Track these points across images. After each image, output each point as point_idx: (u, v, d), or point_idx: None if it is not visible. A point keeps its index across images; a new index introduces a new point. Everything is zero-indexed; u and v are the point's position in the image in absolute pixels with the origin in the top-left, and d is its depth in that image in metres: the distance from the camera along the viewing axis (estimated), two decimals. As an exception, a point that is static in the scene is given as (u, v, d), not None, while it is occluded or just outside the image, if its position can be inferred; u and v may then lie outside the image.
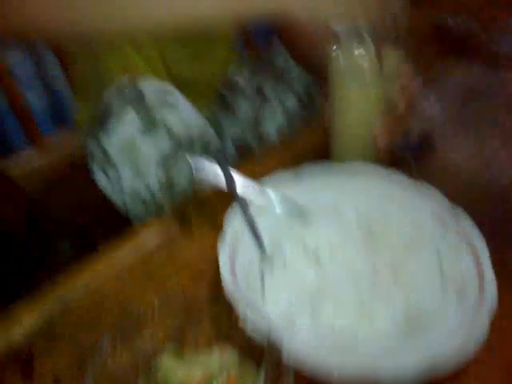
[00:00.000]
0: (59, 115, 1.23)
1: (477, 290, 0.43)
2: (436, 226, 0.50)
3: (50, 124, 1.24)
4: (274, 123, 0.92)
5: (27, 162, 1.06)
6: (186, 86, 0.86)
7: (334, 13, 0.49)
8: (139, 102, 0.58)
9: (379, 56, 0.54)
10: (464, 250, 0.47)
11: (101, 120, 0.60)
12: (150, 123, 0.57)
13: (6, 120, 1.15)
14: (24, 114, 1.02)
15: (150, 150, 0.57)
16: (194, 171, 0.50)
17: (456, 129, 0.73)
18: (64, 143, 1.05)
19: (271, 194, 0.51)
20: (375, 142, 0.58)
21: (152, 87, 0.60)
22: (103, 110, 0.60)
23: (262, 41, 1.36)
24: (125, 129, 0.57)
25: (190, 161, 0.57)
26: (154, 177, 0.58)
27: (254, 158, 0.72)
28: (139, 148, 0.57)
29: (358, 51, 0.56)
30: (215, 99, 0.94)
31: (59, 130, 1.09)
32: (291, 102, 0.90)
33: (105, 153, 0.59)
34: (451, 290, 0.45)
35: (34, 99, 1.19)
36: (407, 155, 0.64)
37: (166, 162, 0.58)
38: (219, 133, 0.92)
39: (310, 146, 0.68)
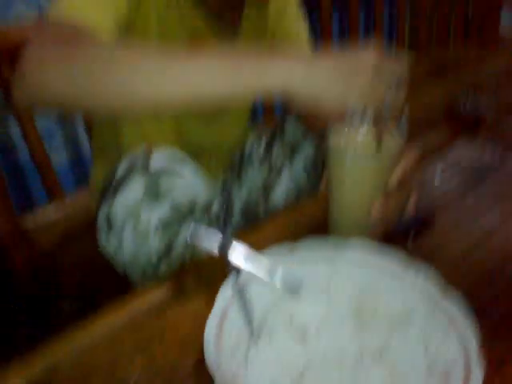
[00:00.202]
0: (81, 174, 1.28)
1: (463, 373, 0.43)
2: (425, 306, 0.50)
3: (72, 182, 1.29)
4: (282, 191, 0.94)
5: (43, 216, 1.10)
6: (199, 154, 0.90)
7: (332, 95, 0.52)
8: (146, 171, 0.61)
9: (377, 134, 0.56)
10: (452, 333, 0.47)
11: (109, 185, 0.63)
12: (155, 192, 0.60)
13: (29, 175, 1.20)
14: (47, 170, 1.07)
15: (152, 216, 0.60)
16: (190, 238, 0.51)
17: (457, 205, 0.74)
18: (81, 201, 1.10)
19: (266, 264, 0.52)
20: (372, 219, 0.59)
21: (161, 157, 0.63)
22: (113, 175, 0.63)
23: (278, 110, 1.42)
24: (130, 195, 0.60)
25: (189, 227, 0.59)
26: (153, 242, 0.60)
27: (253, 226, 0.73)
28: (141, 213, 0.60)
29: (357, 129, 0.58)
30: (226, 166, 0.98)
31: (80, 188, 1.14)
32: (300, 171, 0.93)
33: (109, 216, 0.61)
34: (436, 371, 0.44)
35: (58, 156, 1.24)
36: (405, 231, 0.65)
37: (166, 228, 0.60)
38: (227, 198, 0.94)
39: (311, 217, 0.70)
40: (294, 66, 0.51)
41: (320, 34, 1.59)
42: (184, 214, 0.61)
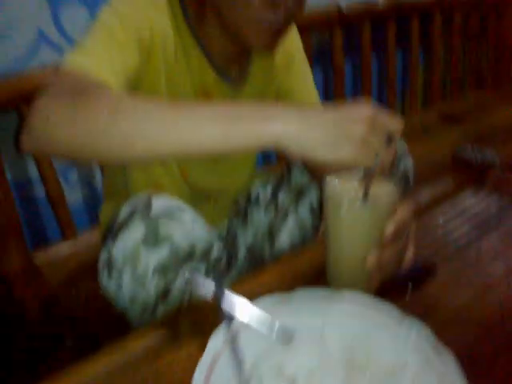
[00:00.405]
0: (95, 211, 1.31)
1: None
2: (417, 361, 0.50)
3: (86, 219, 1.31)
4: (287, 235, 0.95)
5: (55, 252, 1.12)
6: (205, 198, 0.92)
7: (325, 149, 0.53)
8: (147, 215, 0.63)
9: (371, 185, 0.57)
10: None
11: (111, 227, 0.65)
12: (154, 235, 0.62)
13: (43, 211, 1.23)
14: (61, 207, 1.10)
15: (151, 259, 0.61)
16: (187, 283, 0.52)
17: (458, 257, 0.74)
18: (93, 239, 1.12)
19: (258, 314, 0.52)
20: (367, 270, 0.59)
21: (161, 202, 0.65)
22: (115, 218, 0.65)
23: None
24: (129, 238, 0.62)
25: (186, 273, 0.60)
26: (151, 286, 0.61)
27: (251, 273, 0.74)
28: (140, 256, 0.61)
29: (352, 179, 0.60)
30: (232, 208, 0.99)
31: (93, 225, 1.16)
32: (305, 215, 0.94)
33: (110, 259, 0.63)
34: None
35: (73, 193, 1.28)
36: (403, 283, 0.65)
37: (165, 272, 0.61)
38: (232, 242, 0.96)
39: (309, 265, 0.71)
40: (287, 121, 0.53)
41: (332, 85, 1.63)
42: (183, 258, 0.63)
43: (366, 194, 0.57)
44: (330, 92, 1.66)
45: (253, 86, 0.87)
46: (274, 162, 1.60)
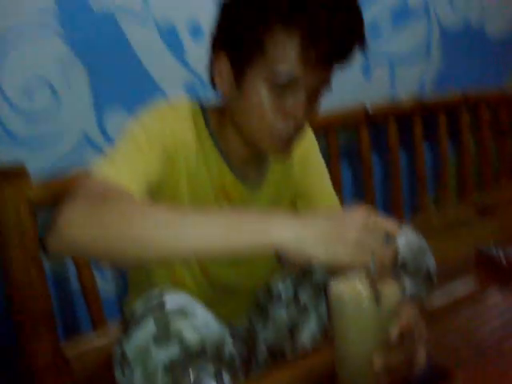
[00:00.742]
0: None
1: None
2: None
3: (117, 311, 1.35)
4: (309, 331, 0.95)
5: (85, 343, 1.15)
6: (226, 294, 0.94)
7: (322, 252, 0.56)
8: (159, 312, 0.66)
9: (373, 286, 0.59)
10: None
11: (127, 323, 0.68)
12: (165, 333, 0.64)
13: (76, 302, 1.27)
14: (93, 299, 1.14)
15: (161, 357, 0.63)
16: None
17: (478, 360, 0.71)
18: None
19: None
20: (374, 371, 0.59)
21: (174, 299, 0.68)
22: (131, 314, 0.68)
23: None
24: (142, 334, 0.65)
25: (192, 373, 0.61)
26: (160, 382, 0.63)
27: (262, 372, 0.74)
28: (151, 353, 0.63)
29: (356, 282, 0.61)
30: (252, 305, 1.01)
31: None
32: (326, 311, 0.94)
33: (123, 354, 0.65)
34: None
35: (107, 285, 1.32)
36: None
37: (174, 370, 0.63)
38: (252, 338, 0.96)
39: (323, 365, 0.70)
40: (284, 228, 0.57)
41: (362, 179, 1.67)
42: (193, 356, 0.64)
43: (371, 295, 0.59)
44: (360, 189, 1.70)
45: (270, 188, 0.92)
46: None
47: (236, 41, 0.76)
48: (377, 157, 1.80)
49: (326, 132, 1.55)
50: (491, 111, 2.00)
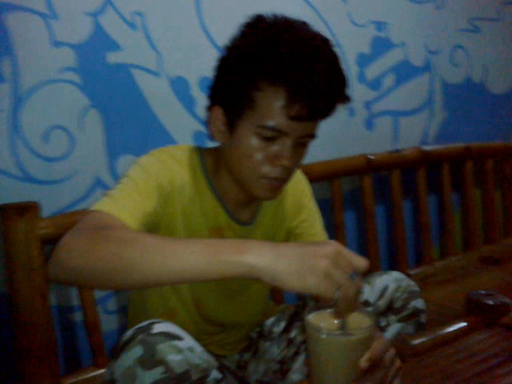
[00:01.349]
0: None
1: None
2: None
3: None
4: (299, 372, 0.97)
5: (84, 378, 1.17)
6: (219, 328, 0.97)
7: (293, 279, 0.60)
8: (146, 335, 0.70)
9: (348, 320, 0.62)
10: None
11: (117, 348, 0.72)
12: (151, 357, 0.67)
13: (79, 337, 1.31)
14: (95, 333, 1.18)
15: (146, 378, 0.66)
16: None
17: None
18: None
19: None
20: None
21: (162, 328, 0.71)
22: (121, 340, 0.72)
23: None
24: (128, 357, 0.68)
25: None
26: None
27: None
28: (137, 375, 0.67)
29: (329, 314, 0.65)
30: (244, 339, 1.03)
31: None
32: None
33: (112, 374, 0.69)
34: None
35: (109, 322, 1.36)
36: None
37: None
38: (243, 372, 0.98)
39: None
40: (259, 254, 0.61)
41: (365, 228, 1.70)
42: (177, 378, 0.67)
43: (338, 325, 0.62)
44: (364, 238, 1.73)
45: (263, 228, 0.97)
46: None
47: (229, 96, 0.84)
48: (381, 206, 1.84)
49: (329, 180, 1.60)
50: (495, 163, 2.03)
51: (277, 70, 0.77)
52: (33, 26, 1.21)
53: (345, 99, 0.82)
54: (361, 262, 0.62)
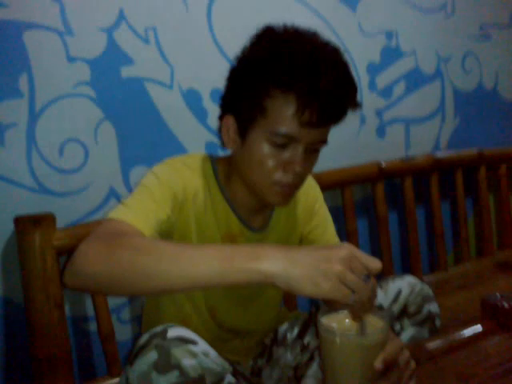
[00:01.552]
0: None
1: None
2: None
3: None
4: (312, 372, 0.97)
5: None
6: (232, 335, 0.98)
7: (307, 284, 0.60)
8: (161, 339, 0.71)
9: (357, 318, 0.62)
10: None
11: (132, 353, 0.73)
12: (166, 362, 0.69)
13: (94, 347, 1.32)
14: (109, 343, 1.19)
15: (161, 382, 0.67)
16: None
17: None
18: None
19: None
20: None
21: (177, 332, 0.73)
22: (136, 345, 0.73)
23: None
24: (144, 361, 0.69)
25: None
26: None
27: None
28: (152, 380, 0.68)
29: (342, 317, 0.65)
30: (258, 346, 1.03)
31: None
32: None
33: (127, 380, 0.70)
34: None
35: (123, 332, 1.37)
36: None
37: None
38: (257, 378, 0.98)
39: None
40: (274, 261, 0.61)
41: (377, 235, 1.70)
42: (192, 383, 0.68)
43: (356, 328, 0.62)
44: (376, 243, 1.73)
45: (275, 234, 0.98)
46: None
47: (240, 105, 0.85)
48: (394, 213, 1.83)
49: (342, 188, 1.61)
50: (508, 168, 2.02)
51: (287, 77, 0.79)
52: (49, 43, 1.24)
53: (355, 105, 0.84)
54: (374, 264, 0.62)
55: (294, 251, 0.63)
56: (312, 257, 0.61)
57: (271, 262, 0.62)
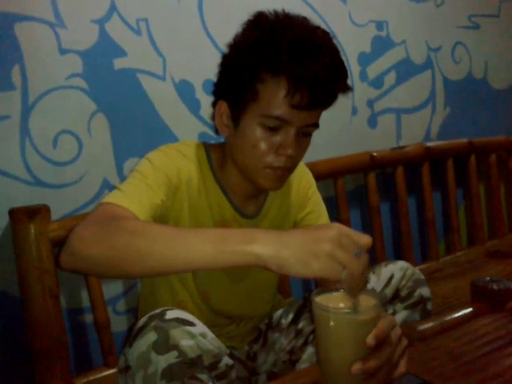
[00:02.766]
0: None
1: None
2: None
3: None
4: (307, 356, 0.99)
5: (96, 378, 1.19)
6: (227, 320, 0.99)
7: (298, 264, 0.61)
8: (160, 320, 0.72)
9: (351, 295, 0.64)
10: None
11: (131, 335, 0.74)
12: (164, 342, 0.70)
13: (90, 338, 1.33)
14: (105, 333, 1.20)
15: (160, 362, 0.69)
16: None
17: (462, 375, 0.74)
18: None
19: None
20: (355, 379, 0.63)
21: (175, 314, 0.74)
22: (135, 327, 0.75)
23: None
24: (143, 342, 0.71)
25: (185, 379, 0.66)
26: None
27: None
28: (151, 359, 0.69)
29: (335, 294, 0.66)
30: (253, 331, 1.05)
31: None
32: None
33: (126, 361, 0.71)
34: None
35: (119, 323, 1.38)
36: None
37: (171, 375, 0.68)
38: (253, 362, 1.00)
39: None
40: (265, 243, 0.62)
41: (369, 224, 1.72)
42: (190, 363, 0.69)
43: (349, 305, 0.64)
44: (368, 232, 1.74)
45: (268, 221, 0.99)
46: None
47: (233, 90, 0.86)
48: (386, 203, 1.85)
49: (334, 178, 1.62)
50: (498, 157, 2.04)
51: (278, 60, 0.80)
52: (41, 35, 1.24)
53: (345, 88, 0.85)
54: (364, 239, 0.63)
55: (284, 234, 0.64)
56: (302, 238, 0.62)
57: (263, 245, 0.63)
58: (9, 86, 1.21)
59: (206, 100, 1.46)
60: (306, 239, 0.62)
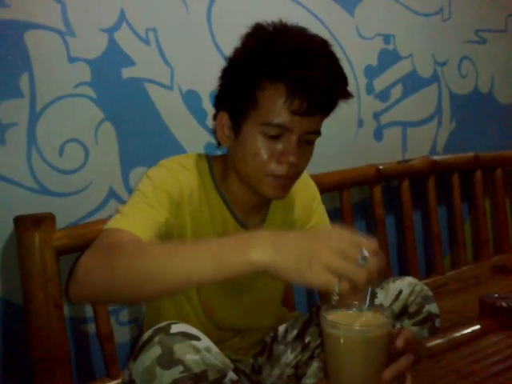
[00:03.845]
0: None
1: None
2: None
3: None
4: (312, 371, 0.97)
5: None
6: (231, 334, 0.98)
7: (296, 271, 0.60)
8: (165, 334, 0.71)
9: (365, 319, 0.63)
10: None
11: (136, 348, 0.73)
12: (169, 357, 0.69)
13: (92, 348, 1.32)
14: (108, 344, 1.19)
15: (165, 376, 0.68)
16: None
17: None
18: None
19: None
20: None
21: (180, 328, 0.73)
22: (140, 341, 0.74)
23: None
24: (148, 356, 0.70)
25: None
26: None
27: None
28: (156, 374, 0.68)
29: (344, 312, 0.66)
30: (257, 344, 1.04)
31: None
32: None
33: (131, 375, 0.71)
34: None
35: (122, 334, 1.36)
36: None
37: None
38: (258, 376, 0.98)
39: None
40: (262, 251, 0.61)
41: (374, 237, 1.70)
42: (195, 378, 0.68)
43: (361, 317, 0.63)
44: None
45: None
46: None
47: (233, 100, 0.87)
48: (391, 216, 1.84)
49: (339, 190, 1.62)
50: (504, 171, 2.03)
51: (276, 67, 0.80)
52: (50, 43, 1.24)
53: (345, 95, 0.85)
54: (369, 245, 0.61)
55: (282, 238, 0.62)
56: (299, 244, 0.61)
57: (260, 252, 0.61)
58: (17, 94, 1.21)
59: (212, 110, 1.44)
60: (302, 245, 0.61)
